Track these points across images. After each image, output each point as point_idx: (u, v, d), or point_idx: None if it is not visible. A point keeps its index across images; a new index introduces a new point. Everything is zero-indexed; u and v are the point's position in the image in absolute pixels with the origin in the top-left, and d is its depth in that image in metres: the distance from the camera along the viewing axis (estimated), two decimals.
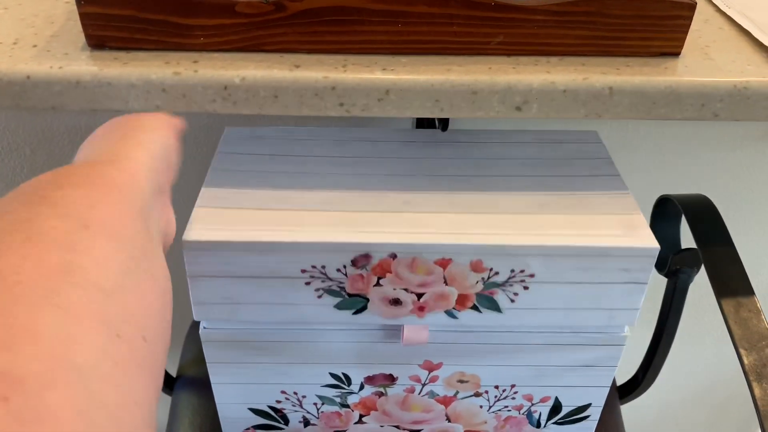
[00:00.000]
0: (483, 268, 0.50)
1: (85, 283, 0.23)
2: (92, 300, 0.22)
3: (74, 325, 0.21)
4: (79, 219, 0.26)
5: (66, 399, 0.18)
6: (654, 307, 0.69)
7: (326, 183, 0.54)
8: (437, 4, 0.48)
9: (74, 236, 0.24)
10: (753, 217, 0.88)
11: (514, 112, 0.50)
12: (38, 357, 0.19)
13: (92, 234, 0.25)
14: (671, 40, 0.51)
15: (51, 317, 0.20)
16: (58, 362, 0.19)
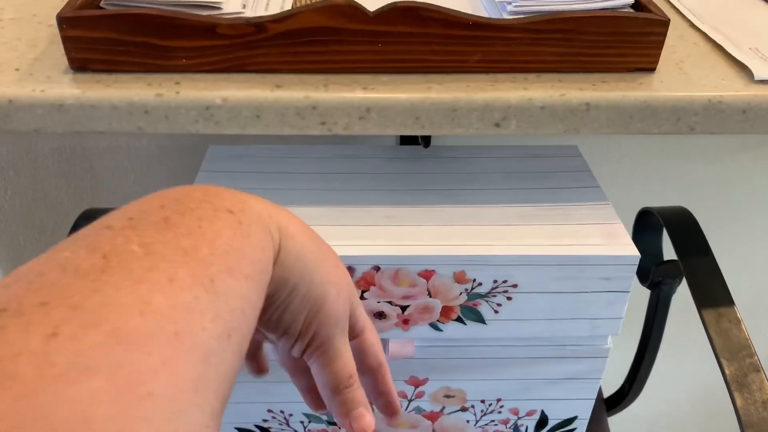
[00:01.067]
0: (466, 279, 0.50)
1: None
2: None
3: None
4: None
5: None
6: (639, 318, 0.69)
7: (309, 199, 0.55)
8: (416, 24, 0.49)
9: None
10: (734, 228, 0.89)
11: (492, 128, 0.51)
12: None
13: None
14: (646, 56, 0.52)
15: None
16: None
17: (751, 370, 0.52)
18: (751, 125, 0.53)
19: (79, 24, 0.46)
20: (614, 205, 0.82)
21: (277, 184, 0.56)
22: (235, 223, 0.27)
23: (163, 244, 0.23)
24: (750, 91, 0.51)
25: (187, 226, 0.25)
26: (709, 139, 0.83)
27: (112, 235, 0.23)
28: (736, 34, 0.58)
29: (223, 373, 0.23)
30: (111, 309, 0.20)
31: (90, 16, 0.46)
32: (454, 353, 0.55)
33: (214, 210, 0.27)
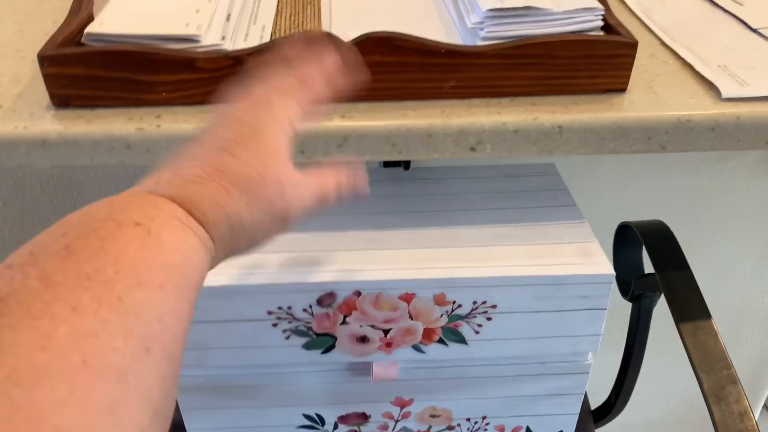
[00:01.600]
0: (446, 301, 0.52)
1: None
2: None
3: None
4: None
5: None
6: (624, 330, 0.70)
7: None
8: (391, 53, 0.50)
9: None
10: (716, 238, 0.91)
11: (468, 152, 0.52)
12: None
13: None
14: (617, 77, 0.54)
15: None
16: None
17: (728, 382, 0.53)
18: (720, 142, 0.54)
19: (60, 61, 0.47)
20: (594, 219, 0.83)
21: None
22: (143, 234, 0.27)
23: (63, 273, 0.23)
24: (718, 109, 0.53)
25: (89, 250, 0.25)
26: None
27: (10, 275, 0.23)
28: (705, 52, 0.59)
29: (148, 387, 0.23)
30: (8, 351, 0.20)
31: (70, 53, 0.47)
32: (438, 374, 0.56)
33: (119, 226, 0.26)
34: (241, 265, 0.51)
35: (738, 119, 0.53)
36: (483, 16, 0.52)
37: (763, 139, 0.54)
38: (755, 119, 0.53)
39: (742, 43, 0.61)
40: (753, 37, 0.62)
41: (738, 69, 0.56)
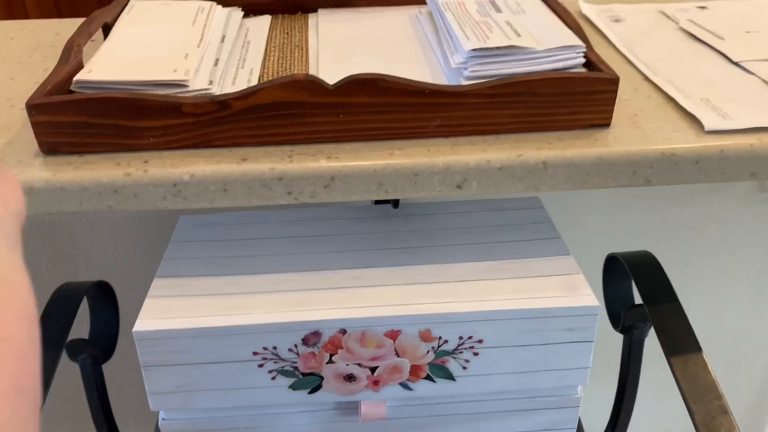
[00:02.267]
0: (432, 337, 0.52)
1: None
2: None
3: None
4: None
5: None
6: (618, 361, 0.70)
7: (277, 264, 0.56)
8: (375, 94, 0.51)
9: None
10: (709, 267, 0.91)
11: (455, 190, 0.53)
12: None
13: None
14: (600, 112, 0.54)
15: None
16: None
17: (719, 412, 0.53)
18: (705, 175, 0.54)
19: (48, 109, 0.48)
20: (584, 250, 0.83)
21: (245, 251, 0.58)
22: None
23: None
24: (701, 142, 0.53)
25: None
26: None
27: None
28: (687, 85, 0.60)
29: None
30: None
31: (58, 101, 0.47)
32: (427, 411, 0.56)
33: None
34: (226, 305, 0.51)
35: (722, 152, 0.53)
36: (467, 56, 0.53)
37: (747, 171, 0.54)
38: (738, 152, 0.53)
39: (724, 76, 0.62)
40: (734, 70, 0.63)
41: (720, 102, 0.57)
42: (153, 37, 0.58)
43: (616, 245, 0.87)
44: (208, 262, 0.56)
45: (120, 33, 0.59)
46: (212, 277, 0.55)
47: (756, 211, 0.85)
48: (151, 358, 0.50)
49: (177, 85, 0.51)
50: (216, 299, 0.52)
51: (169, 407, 0.53)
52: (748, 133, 0.54)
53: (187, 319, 0.50)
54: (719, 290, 0.92)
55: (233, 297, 0.52)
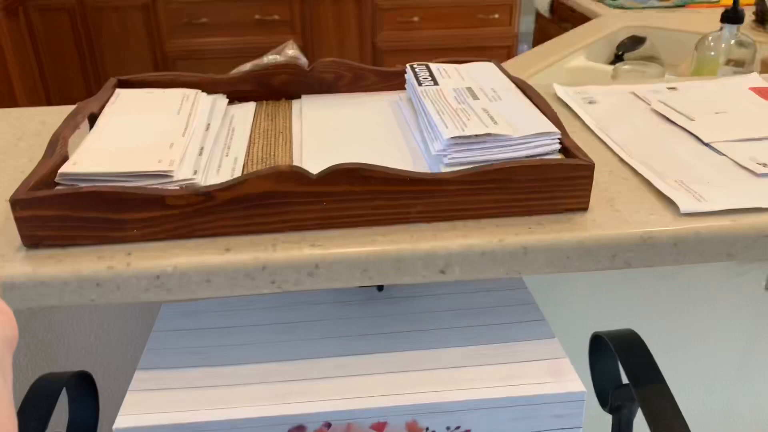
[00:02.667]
0: (419, 428, 0.51)
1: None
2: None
3: None
4: None
5: None
6: None
7: (260, 353, 0.55)
8: (357, 182, 0.52)
9: None
10: (693, 343, 0.91)
11: (438, 275, 0.53)
12: None
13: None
14: (577, 197, 0.55)
15: None
16: None
17: None
18: (684, 257, 0.55)
19: (32, 205, 0.48)
20: (568, 326, 0.83)
21: (227, 340, 0.57)
22: None
23: None
24: (678, 225, 0.54)
25: None
26: None
27: None
28: (661, 167, 0.62)
29: None
30: None
31: (42, 196, 0.48)
32: None
33: None
34: (208, 399, 0.51)
35: (698, 234, 0.54)
36: (446, 143, 0.54)
37: (723, 252, 0.56)
38: (714, 234, 0.54)
39: (696, 157, 0.64)
40: (706, 151, 0.65)
41: (693, 184, 0.59)
42: (138, 126, 0.59)
43: (600, 320, 0.87)
44: (190, 353, 0.56)
45: (105, 123, 0.60)
46: (194, 368, 0.54)
47: (737, 285, 0.85)
48: None
49: (162, 176, 0.52)
50: (198, 392, 0.51)
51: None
52: (722, 215, 0.55)
53: (169, 414, 0.49)
54: (704, 366, 0.92)
55: (215, 390, 0.51)
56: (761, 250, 0.55)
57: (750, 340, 0.90)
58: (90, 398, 0.59)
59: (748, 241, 0.55)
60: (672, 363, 0.91)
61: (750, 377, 0.94)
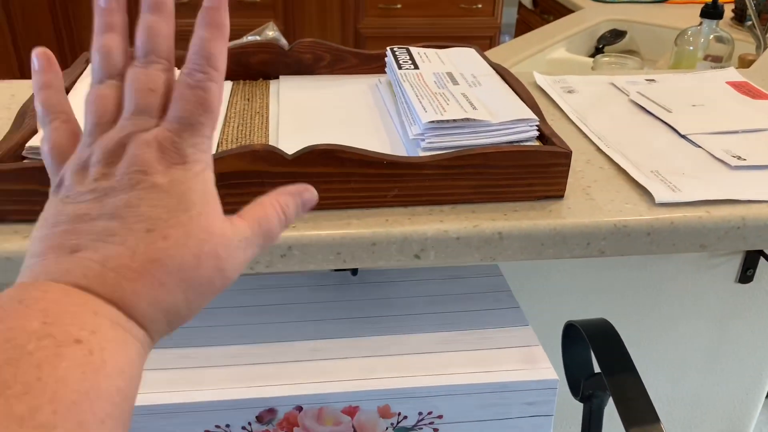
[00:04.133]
0: (391, 413, 0.51)
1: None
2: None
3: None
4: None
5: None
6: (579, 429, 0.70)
7: (232, 336, 0.55)
8: (334, 164, 0.51)
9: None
10: (664, 332, 0.92)
11: (413, 260, 0.53)
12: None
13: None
14: (553, 184, 0.55)
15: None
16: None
17: None
18: (657, 246, 0.56)
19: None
20: (542, 314, 0.83)
21: (198, 322, 0.56)
22: (84, 355, 0.24)
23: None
24: (652, 214, 0.55)
25: (22, 383, 0.21)
26: None
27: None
28: (638, 157, 0.62)
29: None
30: None
31: (9, 170, 0.46)
32: None
33: (57, 346, 0.23)
34: (176, 380, 0.50)
35: (672, 224, 0.55)
36: (424, 128, 0.54)
37: (697, 243, 0.56)
38: (688, 224, 0.55)
39: (672, 148, 0.64)
40: (682, 142, 0.65)
41: (669, 174, 0.59)
42: None
43: (574, 308, 0.88)
44: None
45: (77, 97, 0.58)
46: (165, 349, 0.53)
47: (708, 277, 0.86)
48: None
49: None
50: (168, 374, 0.50)
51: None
52: (696, 205, 0.55)
53: (138, 395, 0.48)
54: (675, 353, 0.93)
55: (186, 371, 0.50)
56: (733, 241, 0.56)
57: (719, 332, 0.92)
58: None
59: (720, 233, 0.55)
60: (643, 353, 0.92)
61: (718, 368, 0.95)
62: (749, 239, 0.56)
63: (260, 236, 0.33)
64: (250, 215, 0.33)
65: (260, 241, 0.33)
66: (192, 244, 0.29)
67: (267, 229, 0.33)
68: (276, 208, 0.34)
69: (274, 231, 0.34)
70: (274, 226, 0.34)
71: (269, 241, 0.34)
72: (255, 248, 0.33)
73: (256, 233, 0.33)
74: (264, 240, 0.33)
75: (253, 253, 0.33)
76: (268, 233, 0.33)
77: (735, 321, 0.91)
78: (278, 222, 0.34)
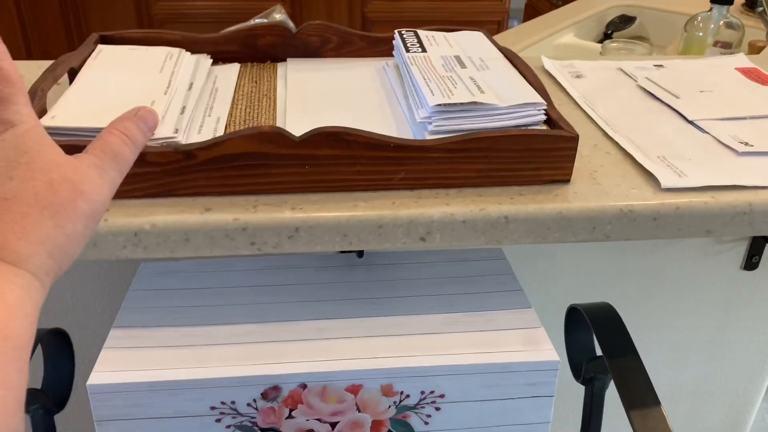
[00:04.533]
0: (394, 392, 0.51)
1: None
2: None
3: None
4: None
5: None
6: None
7: (238, 315, 0.55)
8: (341, 147, 0.51)
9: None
10: (668, 317, 0.92)
11: (418, 243, 0.53)
12: None
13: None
14: (560, 169, 0.56)
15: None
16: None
17: None
18: (662, 231, 0.56)
19: None
20: (545, 298, 0.84)
21: (205, 301, 0.57)
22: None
23: None
24: (658, 199, 0.55)
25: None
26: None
27: None
28: (645, 142, 0.62)
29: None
30: None
31: None
32: None
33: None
34: (183, 358, 0.51)
35: (678, 209, 0.55)
36: (431, 111, 0.54)
37: (702, 228, 0.56)
38: (694, 210, 0.55)
39: (680, 134, 0.64)
40: (689, 128, 0.65)
41: (676, 160, 0.59)
42: (119, 83, 0.58)
43: (578, 293, 0.88)
44: (167, 312, 0.56)
45: (86, 78, 0.59)
46: (171, 327, 0.54)
47: (713, 264, 0.87)
48: (105, 413, 0.49)
49: None
50: (174, 351, 0.51)
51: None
52: (702, 191, 0.55)
53: (144, 372, 0.49)
54: (678, 340, 0.93)
55: (191, 349, 0.51)
56: (739, 227, 0.56)
57: (723, 319, 0.92)
58: (66, 355, 0.59)
59: (726, 218, 0.55)
60: (646, 337, 0.92)
61: (720, 355, 0.96)
62: (755, 225, 0.56)
63: (110, 160, 0.36)
64: (92, 146, 0.37)
65: (112, 163, 0.36)
66: (40, 176, 0.32)
67: (113, 152, 0.37)
68: (114, 133, 0.38)
69: (123, 152, 0.37)
70: (120, 148, 0.37)
71: (122, 162, 0.37)
72: (111, 171, 0.36)
73: (103, 158, 0.36)
74: (116, 161, 0.36)
75: (112, 177, 0.36)
76: (118, 156, 0.37)
77: (739, 308, 0.91)
78: (122, 143, 0.37)
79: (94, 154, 0.36)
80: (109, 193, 0.35)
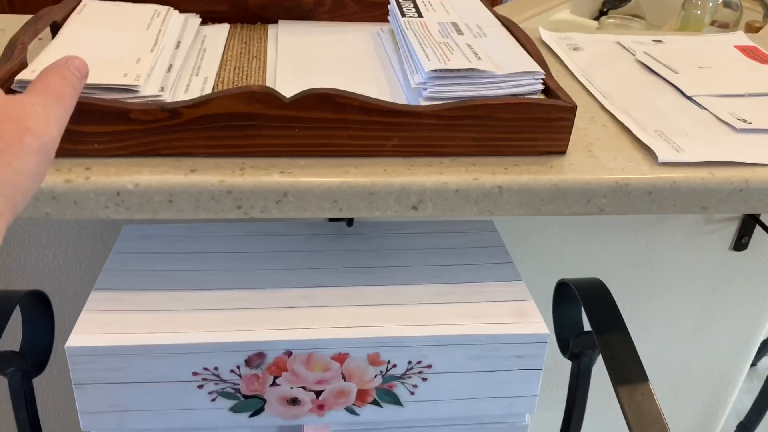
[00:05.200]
0: (380, 361, 0.50)
1: None
2: None
3: None
4: None
5: None
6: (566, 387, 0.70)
7: (222, 281, 0.54)
8: (333, 110, 0.50)
9: None
10: (659, 296, 0.92)
11: (410, 211, 0.52)
12: None
13: None
14: (556, 140, 0.54)
15: None
16: None
17: None
18: (657, 206, 0.55)
19: None
20: (534, 275, 0.83)
21: (189, 265, 0.56)
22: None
23: None
24: (654, 173, 0.54)
25: None
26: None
27: None
28: (642, 116, 0.61)
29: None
30: None
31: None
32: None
33: None
34: (165, 322, 0.49)
35: (674, 184, 0.54)
36: (426, 76, 0.52)
37: (698, 204, 0.55)
38: (690, 185, 0.54)
39: (677, 109, 0.63)
40: (687, 103, 0.64)
41: (673, 134, 0.58)
42: (104, 39, 0.56)
43: (568, 269, 0.88)
44: (149, 276, 0.54)
45: (69, 33, 0.57)
46: (153, 291, 0.52)
47: (702, 243, 0.86)
48: (84, 376, 0.48)
49: (126, 90, 0.49)
50: (155, 315, 0.50)
51: (101, 428, 0.50)
52: (699, 166, 0.55)
53: (124, 335, 0.47)
54: (666, 318, 0.93)
55: (174, 313, 0.50)
56: (734, 204, 0.55)
57: (710, 298, 0.92)
58: (45, 318, 0.58)
59: (722, 194, 0.54)
60: (634, 314, 0.92)
61: (706, 334, 0.96)
62: (750, 202, 0.55)
63: (53, 99, 0.35)
64: (31, 87, 0.35)
65: (55, 102, 0.35)
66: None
67: (55, 91, 0.35)
68: (51, 76, 0.36)
69: (64, 92, 0.36)
70: (61, 88, 0.36)
71: (65, 100, 0.36)
72: (55, 109, 0.35)
73: (46, 95, 0.35)
74: (58, 101, 0.35)
75: (57, 114, 0.35)
76: (60, 95, 0.35)
77: (727, 288, 0.91)
78: (61, 84, 0.36)
79: (36, 93, 0.35)
80: (57, 131, 0.34)
